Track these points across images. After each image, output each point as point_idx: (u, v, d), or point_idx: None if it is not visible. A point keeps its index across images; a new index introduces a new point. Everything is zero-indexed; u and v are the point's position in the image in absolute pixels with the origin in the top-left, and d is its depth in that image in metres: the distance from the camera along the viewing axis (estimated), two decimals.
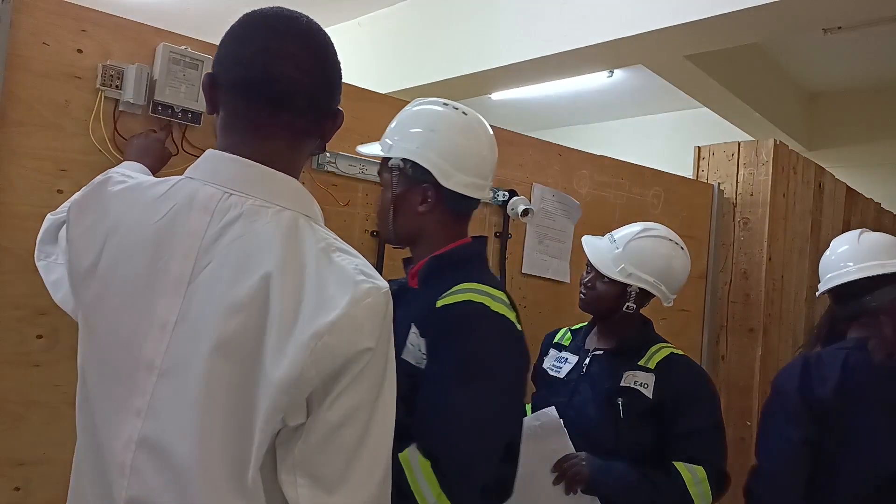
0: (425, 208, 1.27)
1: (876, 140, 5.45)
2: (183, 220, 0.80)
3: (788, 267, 3.03)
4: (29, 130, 1.30)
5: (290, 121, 0.85)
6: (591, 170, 2.40)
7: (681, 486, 1.54)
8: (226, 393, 0.75)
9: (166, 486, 0.76)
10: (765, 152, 2.85)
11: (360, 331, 0.76)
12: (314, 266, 0.78)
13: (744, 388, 2.82)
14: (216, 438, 0.75)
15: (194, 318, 0.77)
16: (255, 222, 0.79)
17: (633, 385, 1.64)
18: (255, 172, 0.83)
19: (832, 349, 1.71)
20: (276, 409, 0.74)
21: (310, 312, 0.75)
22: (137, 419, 0.78)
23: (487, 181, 1.34)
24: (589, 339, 1.82)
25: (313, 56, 0.87)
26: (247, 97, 0.84)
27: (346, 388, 0.76)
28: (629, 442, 1.61)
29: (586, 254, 1.76)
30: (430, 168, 1.25)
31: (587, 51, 3.55)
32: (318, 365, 0.74)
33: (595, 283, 1.73)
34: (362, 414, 0.78)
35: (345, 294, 0.76)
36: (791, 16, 2.99)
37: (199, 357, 0.76)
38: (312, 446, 0.76)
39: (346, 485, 0.77)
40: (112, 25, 1.39)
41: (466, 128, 1.32)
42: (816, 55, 4.99)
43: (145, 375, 0.78)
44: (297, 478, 0.76)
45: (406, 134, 1.30)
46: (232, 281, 0.77)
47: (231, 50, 0.85)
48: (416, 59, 4.42)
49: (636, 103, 6.06)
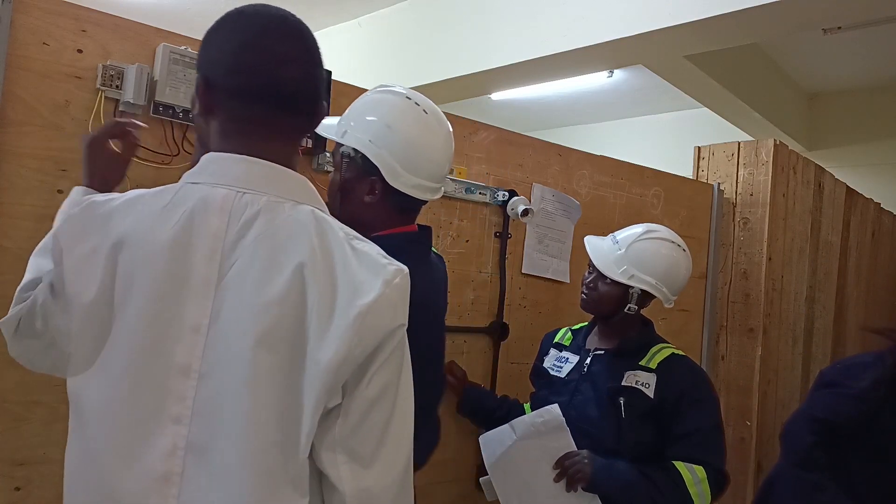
0: (371, 199, 1.24)
1: (876, 140, 5.45)
2: (201, 223, 0.80)
3: (788, 267, 3.03)
4: (29, 130, 1.30)
5: (292, 122, 0.88)
6: (591, 170, 2.40)
7: (680, 485, 1.55)
8: (273, 385, 0.77)
9: (220, 486, 0.76)
10: (765, 152, 2.85)
11: (395, 309, 0.82)
12: (340, 254, 0.82)
13: (744, 388, 2.82)
14: (267, 432, 0.77)
15: (229, 318, 0.78)
16: (276, 217, 0.81)
17: (634, 385, 1.65)
18: (265, 170, 0.84)
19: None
20: (325, 391, 0.77)
21: (348, 296, 0.79)
22: (178, 426, 0.77)
23: (439, 184, 1.31)
24: (590, 339, 1.82)
25: (312, 58, 0.88)
26: (252, 102, 0.84)
27: (382, 365, 0.81)
28: (630, 441, 1.62)
29: (589, 254, 1.76)
30: (379, 165, 1.22)
31: (587, 51, 3.55)
32: (363, 343, 0.79)
33: (597, 284, 1.73)
34: (391, 390, 0.83)
35: (376, 277, 0.81)
36: (791, 16, 2.99)
37: (240, 355, 0.77)
38: (352, 424, 0.80)
39: (380, 459, 0.82)
40: (112, 25, 1.39)
41: (424, 128, 1.28)
42: (816, 55, 4.99)
43: (181, 381, 0.78)
44: (338, 455, 0.80)
45: (362, 122, 1.26)
46: (265, 276, 0.79)
47: (229, 54, 0.84)
48: (416, 58, 4.42)
49: (636, 103, 6.07)
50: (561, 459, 1.61)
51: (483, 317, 2.08)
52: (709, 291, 2.87)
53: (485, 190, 2.04)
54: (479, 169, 2.06)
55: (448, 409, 1.99)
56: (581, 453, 1.60)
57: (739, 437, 2.79)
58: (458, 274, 2.01)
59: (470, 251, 2.03)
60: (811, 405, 1.67)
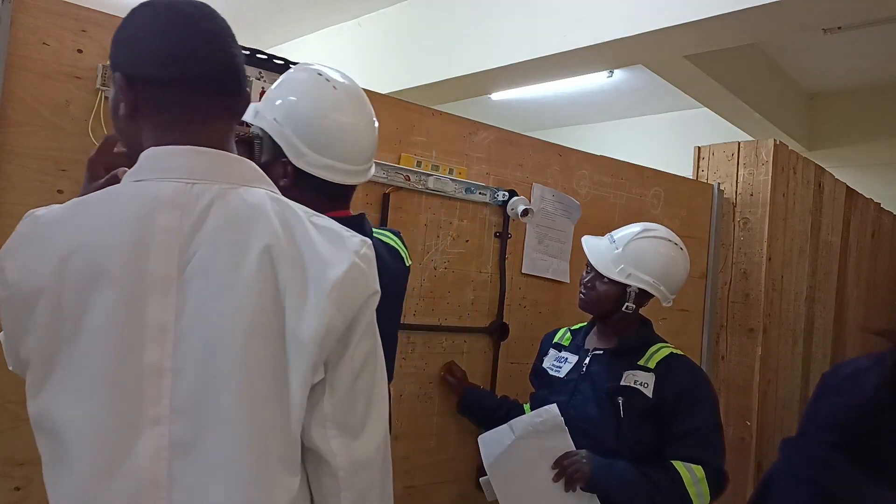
0: (286, 183, 1.17)
1: (876, 140, 5.45)
2: (151, 221, 0.78)
3: (788, 267, 3.03)
4: (29, 130, 1.30)
5: (224, 103, 0.86)
6: (591, 170, 2.40)
7: (679, 485, 1.54)
8: (257, 369, 0.77)
9: (213, 480, 0.76)
10: (765, 152, 2.85)
11: (366, 276, 0.84)
12: (303, 231, 0.82)
13: (743, 388, 2.82)
14: (258, 417, 0.77)
15: (198, 311, 0.77)
16: (231, 203, 0.80)
17: (633, 385, 1.65)
18: (212, 158, 0.83)
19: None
20: (310, 367, 0.78)
21: (319, 270, 0.80)
22: (158, 427, 0.76)
23: (353, 165, 1.22)
24: (588, 339, 1.83)
25: (230, 36, 0.87)
26: (181, 89, 0.83)
27: (363, 335, 0.83)
28: (629, 441, 1.62)
29: (586, 254, 1.76)
30: (282, 144, 1.17)
31: (587, 51, 3.55)
32: (343, 314, 0.80)
33: (595, 284, 1.73)
34: (372, 359, 0.85)
35: (343, 249, 0.83)
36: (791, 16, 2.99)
37: (219, 344, 0.76)
38: (339, 396, 0.82)
39: (366, 428, 0.84)
40: (112, 25, 1.37)
41: (331, 105, 1.20)
42: (816, 55, 4.99)
43: (154, 382, 0.76)
44: (328, 430, 0.82)
45: (271, 102, 1.21)
46: (232, 263, 0.78)
47: (149, 46, 0.82)
48: (415, 58, 4.42)
49: (636, 103, 6.07)
50: (560, 459, 1.61)
51: (483, 317, 2.08)
52: (709, 291, 2.87)
53: (485, 190, 2.04)
54: (479, 169, 2.06)
55: (448, 409, 1.99)
56: (580, 453, 1.60)
57: (739, 437, 2.79)
58: (458, 274, 2.01)
59: (470, 251, 2.03)
60: (815, 416, 1.65)
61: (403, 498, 1.89)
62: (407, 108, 1.91)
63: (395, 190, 1.84)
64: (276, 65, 1.53)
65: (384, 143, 1.84)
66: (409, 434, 1.91)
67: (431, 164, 1.93)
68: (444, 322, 1.97)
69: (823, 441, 1.60)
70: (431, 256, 1.94)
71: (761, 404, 2.83)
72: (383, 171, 1.81)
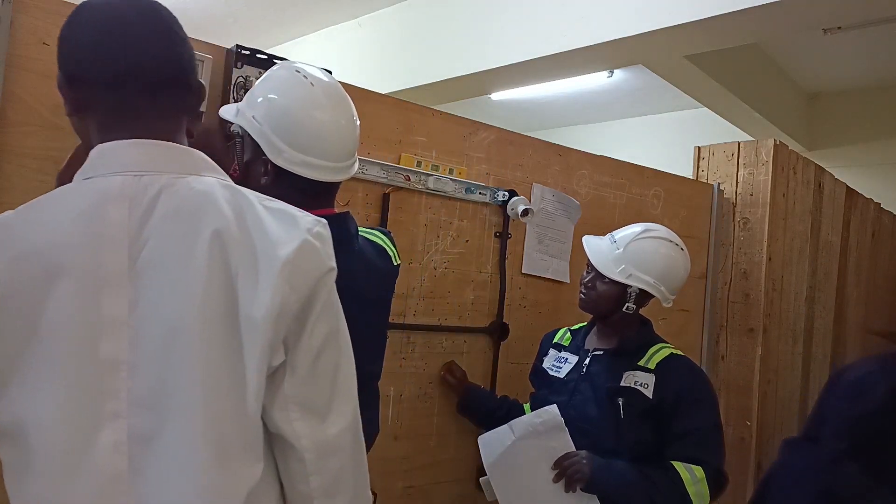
0: (267, 181, 1.18)
1: (876, 140, 5.45)
2: (99, 216, 0.78)
3: (788, 267, 3.03)
4: (29, 130, 1.30)
5: (167, 100, 0.86)
6: (591, 170, 2.40)
7: (679, 485, 1.54)
8: (212, 357, 0.77)
9: (175, 472, 0.75)
10: (765, 152, 2.85)
11: (319, 253, 0.83)
12: (253, 214, 0.82)
13: (743, 388, 2.82)
14: (217, 404, 0.77)
15: (152, 302, 0.77)
16: (179, 192, 0.80)
17: (633, 385, 1.65)
18: (160, 149, 0.83)
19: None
20: (266, 348, 0.78)
21: (270, 250, 0.79)
22: (118, 421, 0.75)
23: (332, 162, 1.20)
24: (588, 339, 1.83)
25: (171, 33, 0.87)
26: (122, 88, 0.83)
27: (321, 313, 0.83)
28: (629, 441, 1.62)
29: (587, 254, 1.76)
30: (260, 141, 1.17)
31: (587, 51, 3.54)
32: (297, 291, 0.79)
33: (595, 284, 1.73)
34: (333, 339, 0.85)
35: (295, 228, 0.82)
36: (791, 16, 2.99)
37: (175, 334, 0.76)
38: (300, 377, 0.82)
39: (333, 410, 0.84)
40: None
41: (307, 101, 1.20)
42: (816, 55, 4.99)
43: (111, 376, 0.76)
44: (290, 413, 0.81)
45: (251, 100, 1.22)
46: (182, 251, 0.78)
47: (87, 45, 0.83)
48: (416, 58, 4.42)
49: (636, 103, 6.06)
50: (560, 460, 1.61)
51: (483, 317, 2.08)
52: (709, 291, 2.87)
53: (485, 190, 2.04)
54: (479, 169, 2.06)
55: (448, 409, 1.99)
56: (580, 454, 1.60)
57: (739, 437, 2.79)
58: (458, 274, 2.01)
59: (470, 251, 2.03)
60: (824, 421, 1.63)
61: (403, 498, 1.89)
62: (407, 108, 1.91)
63: (395, 190, 1.84)
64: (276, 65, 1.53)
65: (384, 143, 1.84)
66: (409, 434, 1.90)
67: (431, 164, 1.93)
68: (444, 322, 1.97)
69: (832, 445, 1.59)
70: (431, 256, 1.94)
71: (761, 404, 2.83)
72: (383, 171, 1.81)
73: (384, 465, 1.82)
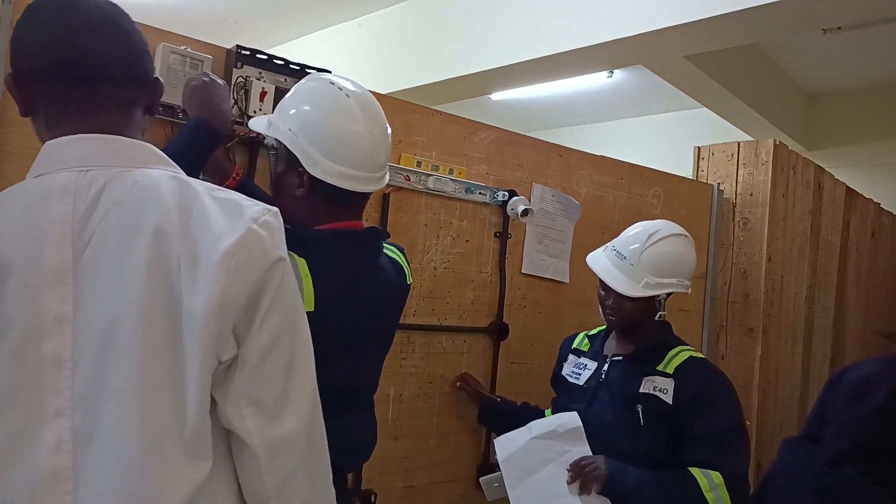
0: (302, 192, 1.20)
1: (876, 140, 5.45)
2: (41, 212, 0.77)
3: (788, 267, 3.03)
4: (29, 130, 1.28)
5: (112, 94, 0.85)
6: (591, 170, 2.40)
7: (695, 491, 1.52)
8: (150, 354, 0.76)
9: (111, 472, 0.74)
10: (764, 152, 2.85)
11: (266, 244, 0.81)
12: (199, 206, 0.80)
13: (743, 388, 2.82)
14: (152, 402, 0.75)
15: (95, 298, 0.76)
16: (123, 185, 0.79)
17: (652, 391, 1.63)
18: (107, 143, 0.83)
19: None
20: (210, 342, 0.76)
21: (211, 241, 0.78)
22: (61, 419, 0.74)
23: (367, 173, 1.22)
24: (607, 345, 1.81)
25: (115, 26, 0.86)
26: (63, 82, 0.83)
27: (271, 306, 0.80)
28: (648, 447, 1.60)
29: (602, 279, 1.72)
30: (297, 153, 1.19)
31: (587, 51, 3.54)
32: (239, 283, 0.77)
33: (621, 304, 1.69)
34: (287, 333, 0.82)
35: (239, 218, 0.80)
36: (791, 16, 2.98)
37: (115, 331, 0.75)
38: (250, 371, 0.80)
39: (288, 408, 0.82)
40: None
41: (343, 112, 1.21)
42: (816, 55, 4.99)
43: (55, 373, 0.75)
44: (242, 408, 0.80)
45: (284, 112, 1.24)
46: (124, 246, 0.77)
47: (30, 40, 0.83)
48: (416, 59, 4.42)
49: (636, 103, 6.06)
50: (577, 461, 1.59)
51: (483, 317, 2.08)
52: (708, 291, 2.87)
53: (485, 190, 2.04)
54: (479, 169, 2.06)
55: (448, 409, 1.99)
56: (597, 458, 1.59)
57: None
58: (458, 274, 2.01)
59: (470, 251, 2.03)
60: (825, 421, 1.62)
61: (403, 498, 1.90)
62: (407, 108, 1.91)
63: (395, 190, 1.84)
64: (276, 65, 1.53)
65: None
66: (409, 434, 1.91)
67: (431, 164, 1.93)
68: (444, 322, 1.98)
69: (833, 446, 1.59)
70: (431, 256, 1.95)
71: (761, 404, 2.83)
72: None
73: (384, 465, 1.83)
